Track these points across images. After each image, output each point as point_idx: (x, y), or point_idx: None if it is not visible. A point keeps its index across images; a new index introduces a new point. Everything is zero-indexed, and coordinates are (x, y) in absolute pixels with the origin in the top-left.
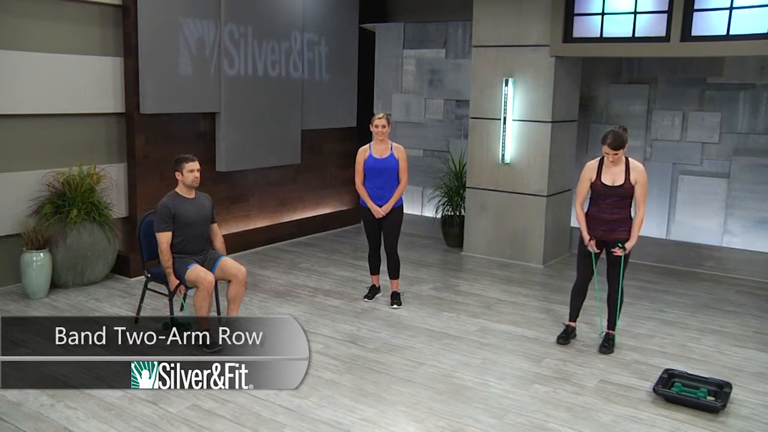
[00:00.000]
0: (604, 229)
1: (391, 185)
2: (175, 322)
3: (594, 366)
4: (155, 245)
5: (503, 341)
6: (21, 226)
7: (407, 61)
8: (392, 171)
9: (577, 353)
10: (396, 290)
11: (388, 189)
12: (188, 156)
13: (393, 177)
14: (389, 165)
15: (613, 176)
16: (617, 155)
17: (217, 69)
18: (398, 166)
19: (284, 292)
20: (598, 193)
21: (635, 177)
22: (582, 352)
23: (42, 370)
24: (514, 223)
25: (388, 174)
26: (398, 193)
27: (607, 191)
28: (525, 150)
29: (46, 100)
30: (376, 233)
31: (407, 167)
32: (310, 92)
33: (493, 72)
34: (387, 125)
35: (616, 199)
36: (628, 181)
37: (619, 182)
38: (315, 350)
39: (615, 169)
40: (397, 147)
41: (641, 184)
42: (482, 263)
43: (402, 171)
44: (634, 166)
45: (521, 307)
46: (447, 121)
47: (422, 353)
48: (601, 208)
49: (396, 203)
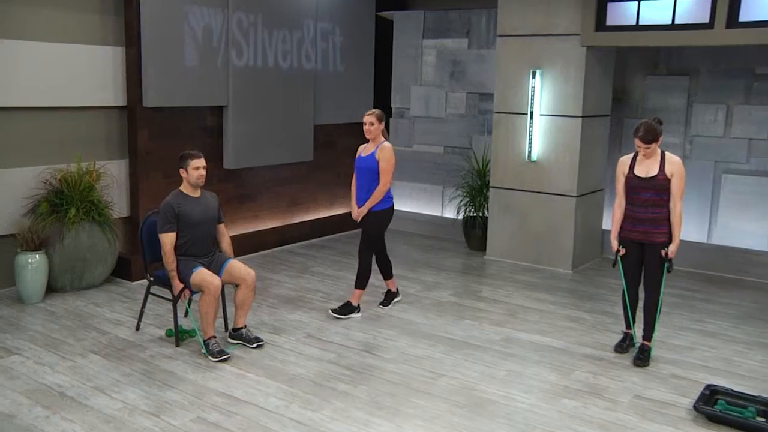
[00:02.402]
0: (641, 230)
1: (369, 186)
2: (179, 329)
3: (628, 380)
4: (158, 247)
5: (529, 352)
6: (15, 226)
7: (427, 52)
8: (370, 171)
9: (610, 366)
10: (352, 301)
11: (365, 190)
12: (194, 152)
13: (371, 178)
14: (368, 164)
15: (646, 168)
16: (649, 149)
17: (225, 60)
18: (377, 166)
19: (295, 297)
20: (631, 188)
21: (671, 170)
22: (614, 365)
23: (36, 379)
24: (541, 225)
25: (366, 174)
26: (374, 197)
27: (641, 184)
28: (553, 147)
29: (42, 93)
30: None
31: (389, 169)
32: (323, 85)
33: (520, 63)
34: (377, 123)
35: (651, 194)
36: (662, 172)
37: (653, 173)
38: (327, 360)
39: (649, 161)
40: (384, 147)
41: (678, 177)
42: (506, 268)
43: (382, 172)
44: (670, 158)
45: (548, 315)
46: (469, 115)
47: (442, 364)
48: (635, 205)
49: (376, 206)
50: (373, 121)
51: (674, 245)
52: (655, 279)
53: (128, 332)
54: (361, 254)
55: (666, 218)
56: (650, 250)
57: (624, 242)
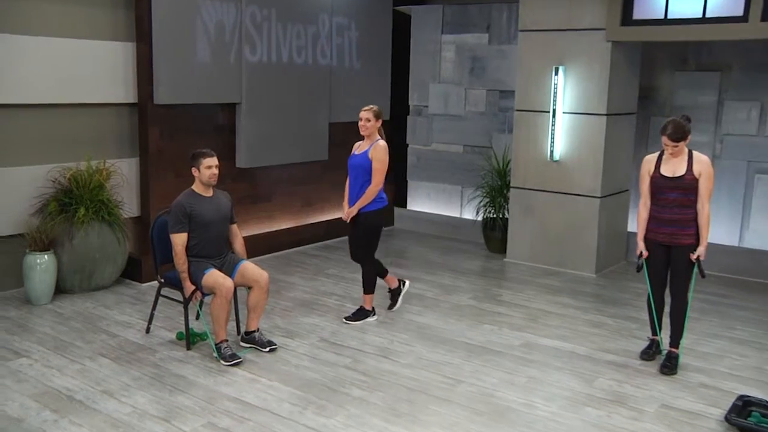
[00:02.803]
0: (668, 232)
1: (360, 186)
2: (191, 332)
3: (654, 388)
4: (169, 248)
5: (550, 358)
6: (24, 226)
7: (446, 48)
8: (361, 170)
9: (635, 373)
10: (365, 306)
11: (357, 190)
12: (206, 151)
13: (362, 177)
14: (359, 162)
15: (673, 167)
16: (677, 147)
17: (238, 56)
18: (369, 165)
19: (309, 300)
20: (657, 187)
21: (699, 169)
22: (640, 372)
23: (44, 383)
24: (564, 227)
25: (358, 173)
26: (364, 197)
27: (667, 184)
28: (576, 146)
29: (51, 89)
30: (350, 240)
31: (382, 168)
32: (339, 81)
33: (542, 59)
34: (373, 120)
35: (678, 195)
36: (690, 172)
37: (680, 173)
38: (342, 365)
39: (675, 160)
40: (378, 145)
41: (706, 177)
42: (527, 271)
43: (374, 172)
44: (698, 158)
45: (571, 320)
46: (489, 113)
47: (461, 370)
48: (661, 206)
49: (366, 207)
50: (369, 117)
51: (702, 247)
52: (681, 283)
53: (138, 335)
54: (361, 260)
55: (693, 219)
56: (677, 252)
57: (649, 244)
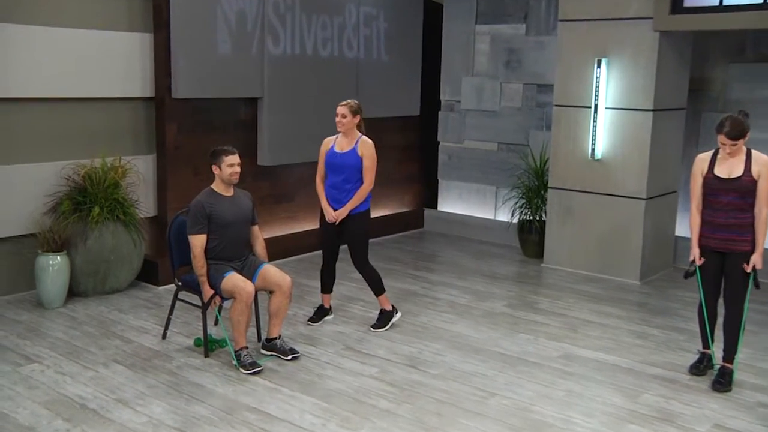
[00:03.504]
0: (721, 238)
1: (350, 187)
2: (209, 338)
3: (705, 406)
4: (187, 249)
5: (591, 371)
6: (36, 226)
7: (480, 39)
8: (352, 169)
9: (684, 389)
10: (385, 308)
11: (346, 191)
12: (228, 148)
13: (353, 177)
14: (349, 162)
15: (729, 168)
16: (735, 146)
17: (260, 48)
18: (361, 164)
19: (334, 306)
20: (710, 189)
21: (758, 170)
22: (690, 389)
23: (57, 390)
24: (606, 231)
25: (345, 173)
26: (358, 197)
27: (722, 186)
28: (620, 144)
29: (64, 83)
30: (331, 244)
31: (373, 167)
32: (366, 75)
33: (583, 51)
34: (350, 115)
35: (734, 197)
36: (748, 173)
37: (737, 174)
38: (369, 375)
39: (732, 160)
40: (364, 141)
41: (766, 178)
42: (566, 277)
43: (366, 170)
44: (757, 157)
45: (613, 331)
46: (526, 109)
47: (494, 382)
48: (714, 209)
49: (357, 209)
50: (345, 113)
51: (757, 254)
52: (737, 293)
53: (154, 341)
54: (362, 265)
55: (751, 224)
56: (732, 259)
57: (702, 250)
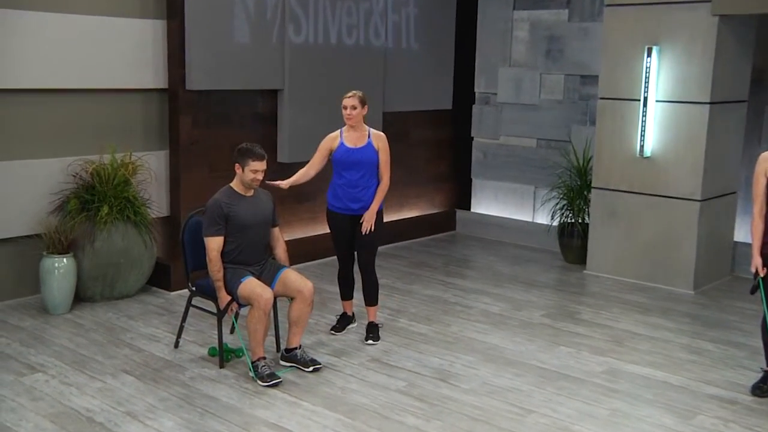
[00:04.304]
0: None
1: (369, 183)
2: (225, 347)
3: None
4: (202, 252)
5: (639, 388)
6: (41, 226)
7: (519, 26)
8: (370, 165)
9: (745, 412)
10: (373, 320)
11: (367, 188)
12: (257, 151)
13: (371, 173)
14: (366, 157)
15: None
16: None
17: (281, 36)
18: (378, 159)
19: (359, 314)
20: None
21: None
22: (752, 411)
23: (62, 402)
24: (656, 235)
25: (365, 169)
26: (380, 195)
27: None
28: (672, 140)
29: (71, 72)
30: (348, 247)
31: (390, 160)
32: (394, 65)
33: (632, 38)
34: (360, 107)
35: None
36: None
37: None
38: (396, 389)
39: None
40: (377, 134)
41: None
42: (611, 285)
43: (384, 165)
44: None
45: (664, 345)
46: (568, 102)
47: (531, 398)
48: None
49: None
50: (355, 105)
51: None
52: None
53: (166, 350)
54: (370, 267)
55: None
56: None
57: (765, 260)
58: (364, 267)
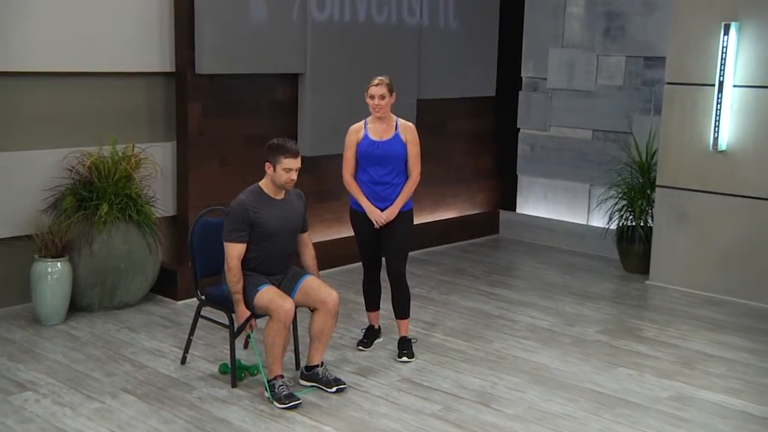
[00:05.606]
0: None
1: (397, 180)
2: (238, 364)
3: None
4: (213, 255)
5: (712, 417)
6: (33, 226)
7: (572, 1)
8: (397, 160)
9: None
10: (405, 335)
11: (394, 185)
12: (290, 146)
13: (398, 169)
14: (393, 151)
15: None
16: None
17: (302, 13)
18: (406, 152)
19: (389, 328)
20: None
21: None
22: None
23: (54, 424)
24: (733, 241)
25: (392, 164)
26: (407, 192)
27: None
28: (752, 131)
29: (67, 54)
30: (374, 252)
31: (419, 154)
32: (430, 47)
33: (706, 13)
34: (389, 96)
35: None
36: None
37: None
38: (430, 412)
39: None
40: (406, 125)
41: None
42: (678, 298)
43: (413, 159)
44: None
45: (742, 368)
46: (630, 88)
47: (586, 426)
48: None
49: (404, 206)
50: (384, 93)
51: None
52: None
53: (171, 366)
54: (401, 275)
55: None
56: None
57: None
58: (394, 276)
